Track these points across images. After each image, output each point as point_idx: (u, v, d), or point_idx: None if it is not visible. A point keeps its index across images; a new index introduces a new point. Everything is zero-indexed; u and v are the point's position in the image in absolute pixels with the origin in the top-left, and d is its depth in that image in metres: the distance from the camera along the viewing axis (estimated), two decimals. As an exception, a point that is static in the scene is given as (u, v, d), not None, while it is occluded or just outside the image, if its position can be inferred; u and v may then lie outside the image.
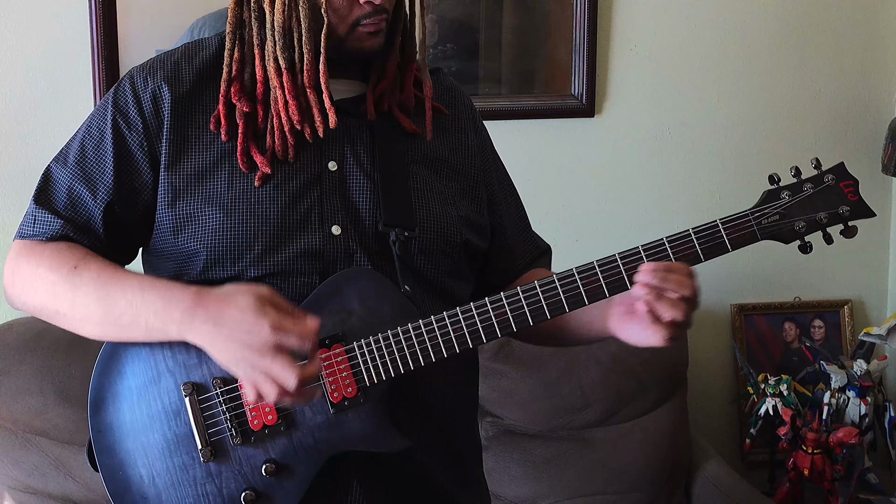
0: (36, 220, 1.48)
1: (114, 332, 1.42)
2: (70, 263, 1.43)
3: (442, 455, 1.54)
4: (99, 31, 2.57)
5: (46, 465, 2.47)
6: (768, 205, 1.46)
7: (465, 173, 1.60)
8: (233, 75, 1.46)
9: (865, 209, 1.47)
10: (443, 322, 1.42)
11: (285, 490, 1.42)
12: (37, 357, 2.47)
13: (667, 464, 2.69)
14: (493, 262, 1.64)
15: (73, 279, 1.42)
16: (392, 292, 1.44)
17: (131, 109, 1.49)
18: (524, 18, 2.84)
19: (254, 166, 1.45)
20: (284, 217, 1.45)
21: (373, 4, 1.43)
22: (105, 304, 1.40)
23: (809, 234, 1.46)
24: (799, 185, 1.47)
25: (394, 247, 1.46)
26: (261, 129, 1.47)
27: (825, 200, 1.46)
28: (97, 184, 1.47)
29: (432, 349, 1.42)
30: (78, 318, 1.43)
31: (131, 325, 1.39)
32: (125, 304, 1.39)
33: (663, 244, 1.43)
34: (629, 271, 1.41)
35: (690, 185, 2.95)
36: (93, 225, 1.47)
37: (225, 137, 1.46)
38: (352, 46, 1.47)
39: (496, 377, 2.61)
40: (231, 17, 1.47)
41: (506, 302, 1.43)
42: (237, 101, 1.46)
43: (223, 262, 1.45)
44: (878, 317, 3.09)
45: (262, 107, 1.46)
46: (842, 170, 1.47)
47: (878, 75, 3.00)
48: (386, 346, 1.41)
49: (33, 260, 1.45)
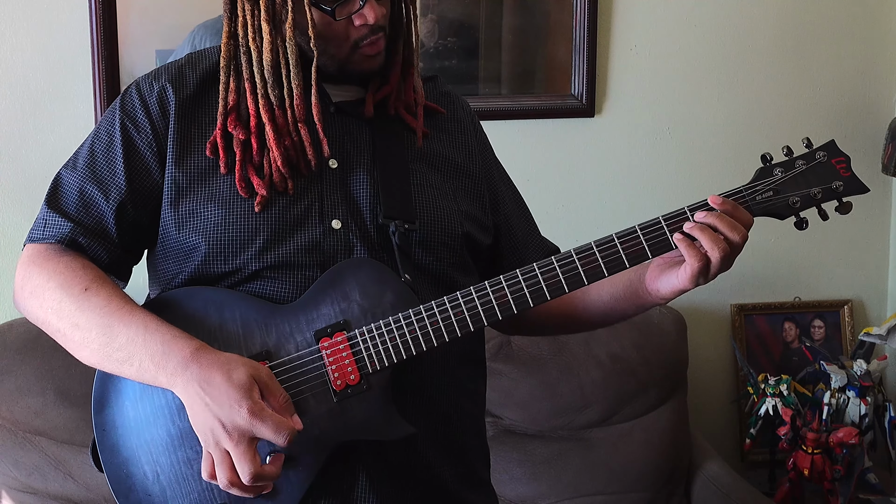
0: (46, 224, 1.49)
1: (108, 364, 1.41)
2: (81, 285, 1.42)
3: (447, 451, 1.54)
4: (99, 31, 2.57)
5: (46, 465, 2.47)
6: (761, 181, 1.48)
7: (466, 171, 1.62)
8: (228, 107, 1.48)
9: (859, 185, 1.49)
10: (443, 306, 1.43)
11: (291, 481, 1.42)
12: (37, 357, 2.47)
13: (667, 464, 2.69)
14: (507, 261, 1.65)
15: (82, 302, 1.41)
16: (392, 280, 1.45)
17: (139, 112, 1.51)
18: (524, 18, 2.84)
19: (253, 192, 1.47)
20: (286, 212, 1.47)
21: (367, 25, 1.45)
22: (106, 333, 1.40)
23: (804, 209, 1.48)
24: (791, 161, 1.49)
25: (393, 237, 1.48)
26: (256, 160, 1.48)
27: (818, 176, 1.48)
28: (108, 185, 1.49)
29: (434, 333, 1.43)
30: (77, 340, 1.42)
31: (125, 361, 1.39)
32: (125, 340, 1.39)
33: (659, 222, 1.46)
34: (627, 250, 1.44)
35: (690, 185, 2.95)
36: (105, 226, 1.48)
37: (224, 170, 1.48)
38: (354, 68, 1.50)
39: (496, 377, 2.61)
40: (224, 51, 1.49)
41: (504, 283, 1.44)
42: (233, 129, 1.48)
43: (224, 256, 1.46)
44: (878, 317, 3.09)
45: (257, 138, 1.48)
46: (833, 147, 1.50)
47: (878, 75, 3.00)
48: (388, 333, 1.42)
49: (45, 271, 1.45)
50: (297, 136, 1.48)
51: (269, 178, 1.47)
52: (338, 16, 1.44)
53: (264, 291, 1.47)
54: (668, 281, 1.47)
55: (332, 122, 1.52)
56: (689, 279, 1.43)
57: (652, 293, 1.50)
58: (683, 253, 1.43)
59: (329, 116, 1.52)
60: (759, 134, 2.96)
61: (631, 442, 2.69)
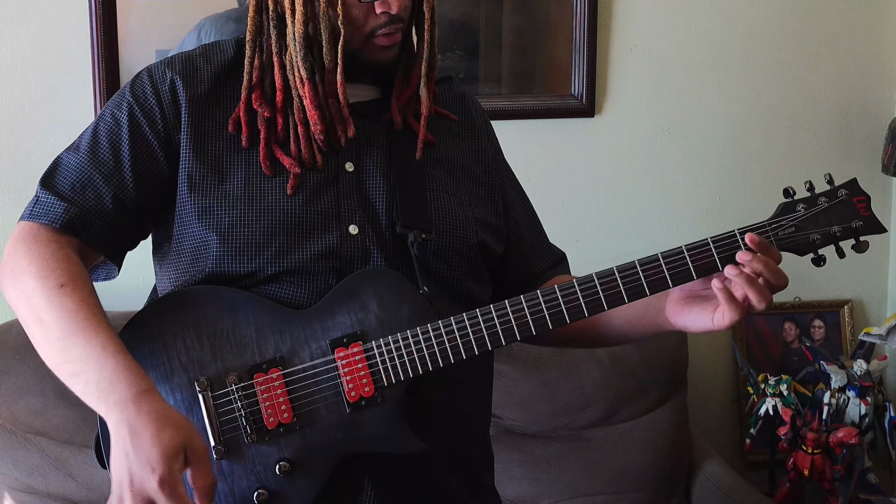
0: (39, 202, 1.45)
1: (59, 371, 1.37)
2: (58, 280, 1.37)
3: (454, 461, 1.53)
4: (99, 31, 2.57)
5: (46, 465, 2.47)
6: (785, 216, 1.49)
7: (480, 177, 1.61)
8: (253, 82, 1.47)
9: (877, 225, 1.51)
10: (462, 324, 1.42)
11: (298, 490, 1.41)
12: (37, 357, 2.44)
13: (667, 464, 2.69)
14: (513, 266, 1.64)
15: (53, 298, 1.37)
16: (411, 293, 1.44)
17: (149, 98, 1.48)
18: (524, 18, 2.84)
19: (279, 170, 1.45)
20: (303, 215, 1.45)
21: (389, 14, 1.44)
22: (65, 341, 1.35)
23: (823, 246, 1.49)
24: (813, 198, 1.49)
25: (412, 248, 1.46)
26: (280, 137, 1.47)
27: (839, 214, 1.49)
28: (110, 168, 1.46)
29: (451, 351, 1.42)
30: (37, 335, 1.39)
31: (74, 375, 1.34)
32: (79, 354, 1.33)
33: (682, 253, 1.44)
34: (648, 278, 1.44)
35: (690, 185, 2.95)
36: (102, 208, 1.44)
37: (246, 143, 1.46)
38: (366, 58, 1.48)
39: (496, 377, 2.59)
40: (251, 24, 1.47)
41: (525, 304, 1.43)
42: (258, 106, 1.46)
43: (241, 258, 1.44)
44: (878, 317, 3.09)
45: (282, 115, 1.47)
46: (854, 185, 1.51)
47: (878, 75, 3.00)
48: (405, 347, 1.41)
49: (30, 253, 1.41)
50: (327, 110, 1.45)
51: (298, 159, 1.45)
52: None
53: (280, 295, 1.45)
54: (697, 320, 1.46)
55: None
56: (726, 325, 1.44)
57: (676, 326, 1.49)
58: (723, 303, 1.42)
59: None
60: (758, 134, 2.96)
61: (631, 442, 2.68)
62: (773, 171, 2.95)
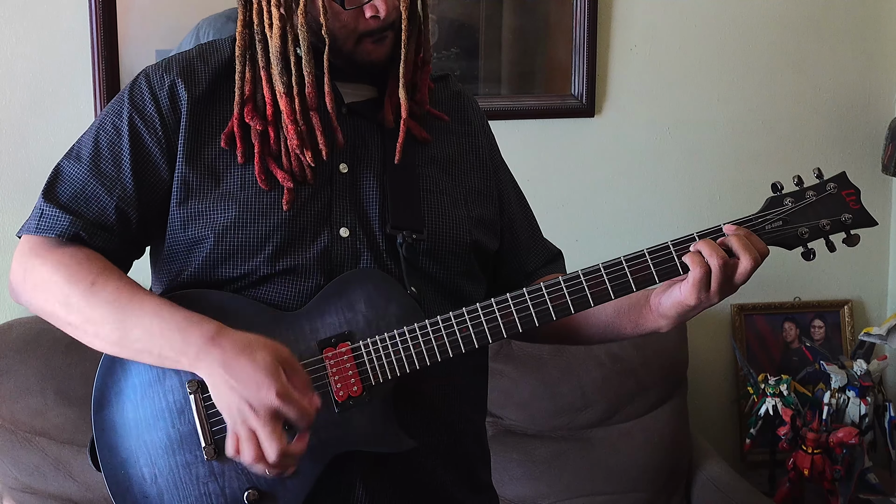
0: (43, 215, 1.45)
1: (125, 353, 1.41)
2: (88, 279, 1.40)
3: (447, 458, 1.53)
4: (99, 31, 2.57)
5: (46, 465, 2.47)
6: (772, 210, 1.48)
7: (476, 174, 1.61)
8: (245, 97, 1.47)
9: (868, 218, 1.49)
10: (449, 322, 1.43)
11: (289, 490, 1.42)
12: (37, 357, 2.47)
13: (667, 464, 2.69)
14: (506, 263, 1.64)
15: (90, 297, 1.40)
16: (398, 293, 1.44)
17: (148, 105, 1.48)
18: (524, 18, 2.84)
19: (273, 184, 1.46)
20: (297, 217, 1.45)
21: (378, 19, 1.43)
22: (121, 327, 1.39)
23: (812, 240, 1.48)
24: (801, 192, 1.49)
25: (401, 249, 1.47)
26: (274, 150, 1.47)
27: (828, 208, 1.48)
28: (112, 179, 1.46)
29: (438, 349, 1.42)
30: (90, 332, 1.41)
31: (143, 351, 1.39)
32: (141, 332, 1.38)
33: (668, 248, 1.44)
34: (634, 274, 1.43)
35: (690, 185, 2.95)
36: (105, 220, 1.45)
37: (241, 159, 1.46)
38: (360, 59, 1.48)
39: (496, 377, 2.61)
40: (240, 39, 1.47)
41: (511, 302, 1.43)
42: (250, 120, 1.46)
43: (234, 260, 1.45)
44: (878, 317, 3.09)
45: (273, 128, 1.47)
46: (843, 179, 1.50)
47: (878, 75, 3.00)
48: (392, 346, 1.42)
49: (49, 264, 1.42)
50: (304, 125, 1.45)
51: (290, 171, 1.46)
52: (347, 5, 1.42)
53: (270, 297, 1.46)
54: (670, 295, 1.46)
55: (345, 123, 1.50)
56: (689, 288, 1.42)
57: (654, 308, 1.49)
58: (689, 264, 1.42)
59: (341, 118, 1.50)
60: (758, 134, 2.96)
61: (631, 442, 2.69)
62: (773, 172, 2.93)
